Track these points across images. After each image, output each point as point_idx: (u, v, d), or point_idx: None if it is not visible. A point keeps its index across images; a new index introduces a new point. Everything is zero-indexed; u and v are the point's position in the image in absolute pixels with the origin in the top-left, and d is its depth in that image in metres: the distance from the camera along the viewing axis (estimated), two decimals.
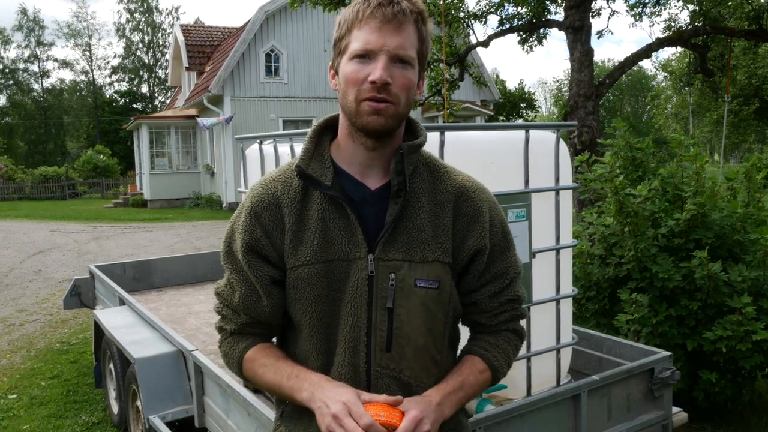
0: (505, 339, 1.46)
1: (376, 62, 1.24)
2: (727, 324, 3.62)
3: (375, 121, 1.26)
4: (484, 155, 2.64)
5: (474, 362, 1.42)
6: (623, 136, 4.47)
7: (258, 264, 1.34)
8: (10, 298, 8.74)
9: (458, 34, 11.49)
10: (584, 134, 8.56)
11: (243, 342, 1.41)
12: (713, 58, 12.11)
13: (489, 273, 1.40)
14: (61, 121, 50.57)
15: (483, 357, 1.42)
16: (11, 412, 4.76)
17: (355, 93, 1.26)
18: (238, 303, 1.38)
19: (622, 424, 2.80)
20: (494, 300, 1.43)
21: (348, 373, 1.30)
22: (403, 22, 1.25)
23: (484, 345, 1.44)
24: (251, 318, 1.39)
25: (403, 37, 1.25)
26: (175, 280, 5.87)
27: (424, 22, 1.30)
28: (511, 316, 1.47)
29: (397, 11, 1.24)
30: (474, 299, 1.42)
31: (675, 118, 28.63)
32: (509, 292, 1.44)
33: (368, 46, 1.24)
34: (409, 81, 1.27)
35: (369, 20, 1.24)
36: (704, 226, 3.91)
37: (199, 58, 23.89)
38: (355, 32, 1.26)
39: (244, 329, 1.41)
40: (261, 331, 1.42)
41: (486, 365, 1.42)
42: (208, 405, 3.17)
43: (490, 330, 1.46)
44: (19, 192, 31.34)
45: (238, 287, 1.38)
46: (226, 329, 1.43)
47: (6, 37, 49.43)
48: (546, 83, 69.00)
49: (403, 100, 1.27)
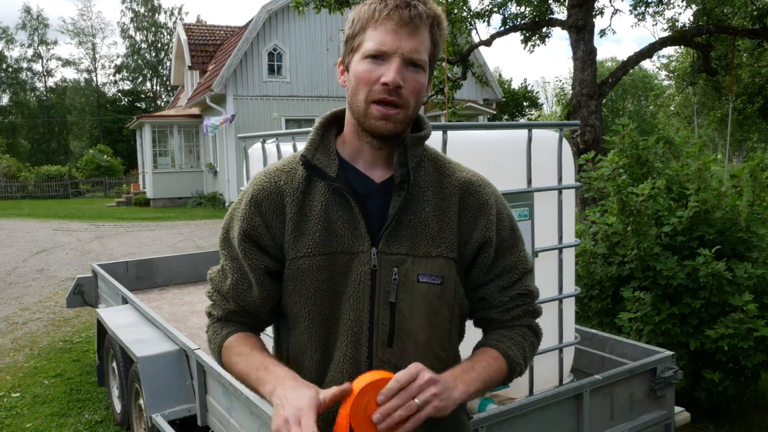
0: (519, 333, 1.41)
1: (389, 64, 1.23)
2: (729, 322, 3.62)
3: (383, 126, 1.26)
4: (487, 154, 2.64)
5: (485, 351, 1.37)
6: (629, 134, 4.46)
7: (253, 252, 1.34)
8: (14, 296, 8.76)
9: (461, 33, 11.48)
10: (587, 133, 8.55)
11: (227, 329, 1.40)
12: (716, 57, 12.08)
13: (497, 268, 1.38)
14: (64, 120, 50.67)
15: (495, 347, 1.37)
16: (14, 410, 4.77)
17: (365, 93, 1.25)
18: (228, 290, 1.38)
19: (624, 424, 2.79)
20: (504, 294, 1.39)
21: (349, 368, 1.29)
22: (419, 26, 1.24)
23: (496, 337, 1.40)
24: (239, 306, 1.39)
25: (418, 41, 1.24)
26: (177, 278, 5.88)
27: (439, 26, 1.29)
28: (525, 311, 1.42)
29: (414, 15, 1.23)
30: (482, 294, 1.39)
31: (678, 117, 28.57)
32: (519, 286, 1.40)
33: (383, 47, 1.23)
34: (420, 85, 1.27)
35: (385, 21, 1.23)
36: (707, 223, 3.91)
37: (202, 57, 23.91)
38: (369, 31, 1.25)
39: (230, 316, 1.40)
40: (248, 321, 1.41)
41: (498, 353, 1.36)
42: (210, 404, 3.18)
43: (502, 326, 1.41)
44: (23, 191, 31.41)
45: (230, 274, 1.38)
46: (213, 314, 1.43)
47: (10, 36, 49.56)
48: (548, 82, 68.94)
49: (412, 103, 1.28)
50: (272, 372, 1.25)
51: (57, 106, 51.01)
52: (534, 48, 12.00)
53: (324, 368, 1.32)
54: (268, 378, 1.24)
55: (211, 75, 21.63)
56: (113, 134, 44.42)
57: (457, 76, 12.12)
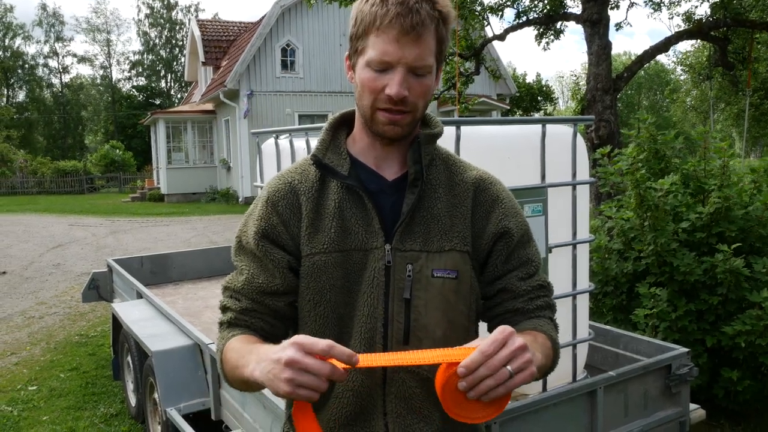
0: (548, 323, 1.35)
1: (393, 74, 1.21)
2: (747, 318, 3.58)
3: (391, 131, 1.26)
4: (501, 150, 2.63)
5: (531, 333, 1.28)
6: (647, 128, 4.42)
7: (273, 249, 1.30)
8: (30, 291, 8.86)
9: (474, 28, 11.42)
10: (602, 128, 8.48)
11: (233, 332, 1.29)
12: (734, 51, 11.92)
13: (514, 259, 1.35)
14: (79, 116, 51.12)
15: (540, 331, 1.30)
16: (31, 403, 4.83)
17: (371, 100, 1.24)
18: (241, 286, 1.31)
19: (638, 421, 2.78)
20: (525, 283, 1.34)
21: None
22: (422, 33, 1.20)
23: (533, 323, 1.32)
24: (252, 302, 1.30)
25: (421, 48, 1.21)
26: (191, 273, 5.91)
27: (444, 23, 1.25)
28: (546, 303, 1.37)
29: (416, 23, 1.19)
30: (502, 285, 1.34)
31: (694, 111, 28.28)
32: (538, 278, 1.37)
33: (385, 58, 1.21)
34: (427, 87, 1.25)
35: (387, 29, 1.20)
36: (728, 219, 3.86)
37: (216, 53, 24.01)
38: (372, 38, 1.22)
39: (240, 318, 1.30)
40: (259, 321, 1.31)
41: (546, 337, 1.28)
42: (224, 398, 3.19)
43: (529, 317, 1.33)
44: (39, 186, 31.73)
45: (246, 270, 1.32)
46: (224, 322, 1.33)
47: (26, 33, 50.05)
48: (563, 77, 68.50)
49: (420, 106, 1.26)
50: (254, 352, 1.15)
51: (72, 102, 51.48)
52: (548, 45, 11.91)
53: None
54: (250, 358, 1.13)
55: (225, 71, 21.71)
56: (128, 130, 44.73)
57: (470, 71, 12.06)
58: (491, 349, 1.03)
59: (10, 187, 31.30)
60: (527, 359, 1.05)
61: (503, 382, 1.03)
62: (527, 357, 1.05)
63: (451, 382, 1.06)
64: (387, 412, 1.28)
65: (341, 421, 1.28)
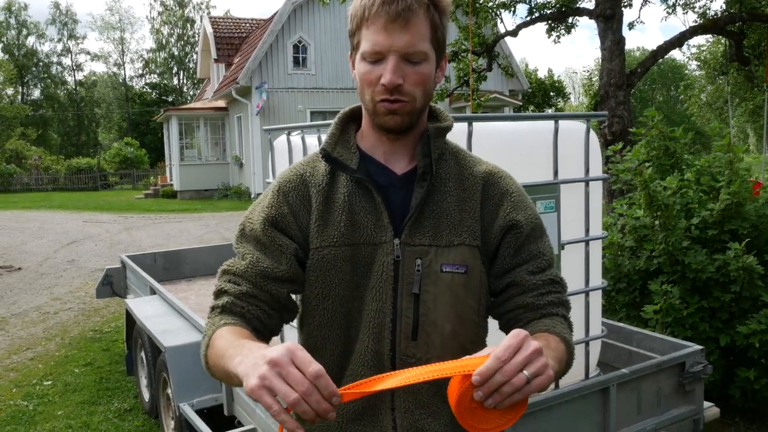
0: (561, 322, 1.30)
1: (386, 64, 1.21)
2: (762, 317, 3.55)
3: (391, 121, 1.25)
4: (513, 146, 2.61)
5: (543, 335, 1.24)
6: (657, 125, 4.39)
7: (279, 236, 1.28)
8: (45, 286, 8.94)
9: (486, 24, 11.37)
10: (615, 124, 8.42)
11: (225, 319, 1.21)
12: (749, 46, 11.78)
13: (524, 252, 1.32)
14: (93, 113, 51.52)
15: (552, 332, 1.25)
16: (46, 398, 4.88)
17: (370, 93, 1.25)
18: (244, 269, 1.26)
19: (651, 418, 2.76)
20: (535, 277, 1.30)
21: (371, 361, 1.26)
22: (410, 18, 1.20)
23: (545, 323, 1.28)
24: (254, 286, 1.25)
25: (411, 33, 1.20)
26: (204, 269, 5.94)
27: (437, 7, 1.24)
28: (559, 299, 1.33)
29: (402, 9, 1.18)
30: (511, 279, 1.30)
31: (710, 107, 28.01)
32: (550, 273, 1.32)
33: (376, 48, 1.21)
34: (423, 76, 1.24)
35: (375, 19, 1.20)
36: (739, 216, 3.82)
37: (228, 50, 24.07)
38: (363, 31, 1.23)
39: (236, 303, 1.24)
40: (256, 309, 1.25)
41: (559, 339, 1.24)
42: (236, 394, 3.21)
43: (540, 313, 1.30)
44: (54, 183, 32.02)
45: (250, 255, 1.27)
46: (217, 306, 1.25)
47: (41, 31, 50.47)
48: (576, 73, 68.05)
49: (419, 95, 1.25)
50: (246, 346, 1.08)
51: (86, 99, 51.88)
52: (559, 38, 11.83)
53: (344, 361, 1.29)
54: (241, 351, 1.06)
55: (237, 67, 21.76)
56: (141, 127, 45.03)
57: (482, 68, 12.01)
58: (506, 355, 0.99)
59: (24, 184, 31.61)
60: (543, 363, 1.01)
61: (520, 387, 0.99)
62: (543, 361, 1.02)
63: (466, 395, 1.01)
64: (395, 407, 1.27)
65: (349, 416, 1.28)
